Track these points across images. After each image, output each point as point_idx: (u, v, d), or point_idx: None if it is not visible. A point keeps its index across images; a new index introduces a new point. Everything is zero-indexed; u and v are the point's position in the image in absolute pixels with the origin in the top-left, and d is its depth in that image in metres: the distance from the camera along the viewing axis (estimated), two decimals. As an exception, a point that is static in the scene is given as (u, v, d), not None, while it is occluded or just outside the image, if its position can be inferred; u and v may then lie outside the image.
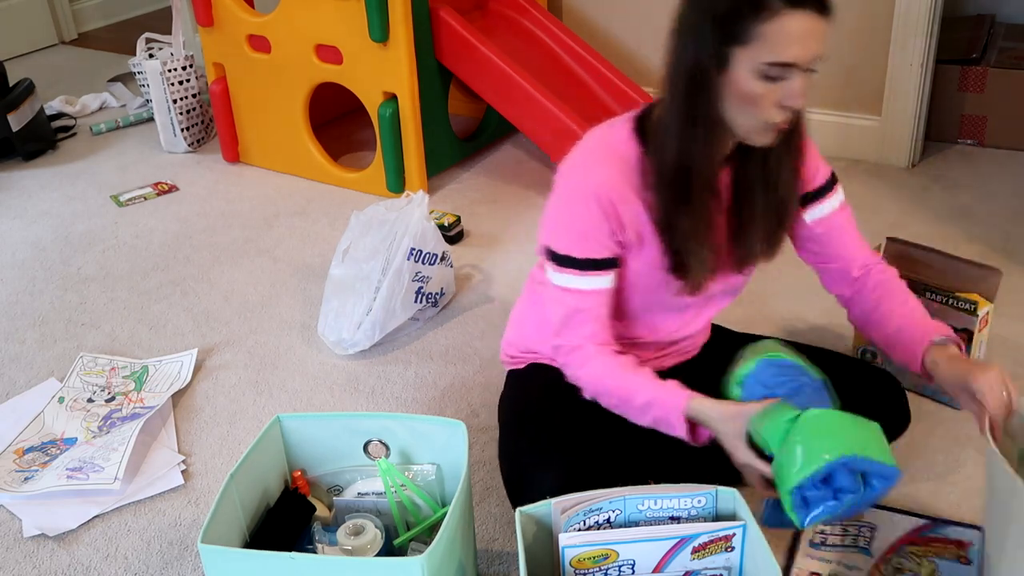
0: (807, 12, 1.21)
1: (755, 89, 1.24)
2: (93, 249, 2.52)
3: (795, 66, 1.23)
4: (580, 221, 1.35)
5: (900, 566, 1.41)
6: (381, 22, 2.42)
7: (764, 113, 1.27)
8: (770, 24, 1.21)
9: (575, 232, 1.36)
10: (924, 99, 2.65)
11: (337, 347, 2.01)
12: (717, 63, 1.25)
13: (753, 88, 1.24)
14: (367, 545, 1.31)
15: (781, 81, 1.24)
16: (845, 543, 1.46)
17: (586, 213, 1.34)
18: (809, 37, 1.22)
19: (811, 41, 1.22)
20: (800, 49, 1.22)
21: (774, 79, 1.23)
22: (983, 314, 1.68)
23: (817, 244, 1.50)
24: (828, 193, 1.48)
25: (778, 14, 1.20)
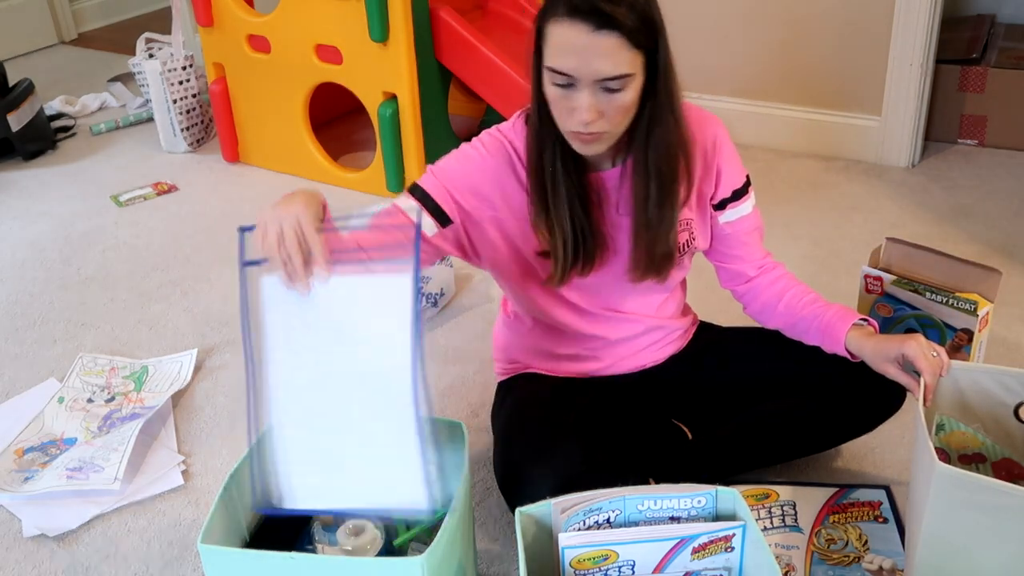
0: (583, 24, 1.18)
1: (549, 92, 1.25)
2: (93, 249, 2.52)
3: (570, 76, 1.21)
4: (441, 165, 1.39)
5: (831, 537, 1.48)
6: (381, 22, 2.42)
7: (562, 119, 1.27)
8: (553, 27, 1.21)
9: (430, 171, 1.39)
10: (924, 99, 2.66)
11: (337, 347, 2.00)
12: (536, 56, 1.27)
13: (548, 91, 1.25)
14: (367, 545, 1.31)
15: (569, 89, 1.23)
16: (775, 525, 1.51)
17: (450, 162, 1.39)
18: (588, 51, 1.19)
19: (589, 56, 1.19)
20: (575, 61, 1.20)
21: (561, 86, 1.23)
22: (983, 314, 1.68)
23: (722, 244, 1.51)
24: (742, 197, 1.47)
25: (558, 19, 1.20)
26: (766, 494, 1.56)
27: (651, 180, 1.34)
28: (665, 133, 1.31)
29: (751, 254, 1.53)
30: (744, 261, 1.53)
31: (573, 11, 1.18)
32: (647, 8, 1.22)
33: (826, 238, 2.36)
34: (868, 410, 1.52)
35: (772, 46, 2.76)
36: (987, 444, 1.35)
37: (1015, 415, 1.36)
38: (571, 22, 1.18)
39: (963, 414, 1.39)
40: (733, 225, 1.48)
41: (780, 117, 2.82)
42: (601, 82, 1.21)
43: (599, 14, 1.17)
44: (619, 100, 1.23)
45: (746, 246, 1.51)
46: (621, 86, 1.22)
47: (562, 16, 1.19)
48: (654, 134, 1.30)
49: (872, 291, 1.80)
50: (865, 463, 1.63)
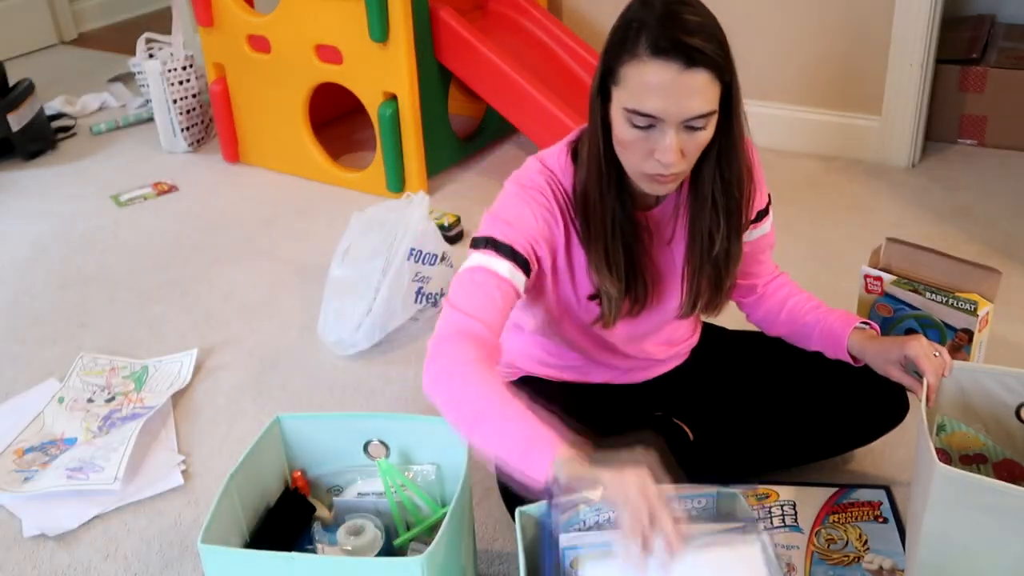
0: (672, 63, 1.12)
1: (625, 135, 1.19)
2: (93, 249, 2.52)
3: (660, 119, 1.15)
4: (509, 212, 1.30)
5: (831, 537, 1.48)
6: (381, 22, 2.42)
7: (636, 161, 1.21)
8: (632, 69, 1.15)
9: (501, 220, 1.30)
10: (924, 99, 2.65)
11: (337, 347, 2.01)
12: (601, 97, 1.21)
13: (623, 133, 1.19)
14: (367, 545, 1.31)
15: (650, 130, 1.17)
16: (775, 525, 1.51)
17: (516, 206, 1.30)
18: (676, 91, 1.13)
19: (680, 96, 1.13)
20: (663, 102, 1.14)
21: (641, 128, 1.17)
22: (983, 314, 1.68)
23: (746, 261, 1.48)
24: (764, 218, 1.45)
25: (640, 60, 1.14)
26: (766, 494, 1.56)
27: (720, 214, 1.29)
28: (737, 166, 1.27)
29: (764, 270, 1.53)
30: (757, 277, 1.53)
31: (660, 50, 1.12)
32: (723, 38, 1.17)
33: (826, 238, 2.36)
34: (871, 420, 1.52)
35: (772, 46, 2.75)
36: (988, 445, 1.35)
37: (1016, 416, 1.36)
38: (658, 62, 1.12)
39: (965, 414, 1.39)
40: (752, 244, 1.45)
41: (780, 117, 2.82)
42: (687, 121, 1.16)
43: (688, 51, 1.12)
44: (700, 138, 1.19)
45: (761, 264, 1.52)
46: (705, 124, 1.17)
47: (645, 56, 1.13)
48: (724, 168, 1.26)
49: (872, 291, 1.80)
50: (865, 463, 1.63)
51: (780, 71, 2.78)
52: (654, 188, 1.25)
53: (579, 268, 1.35)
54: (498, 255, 1.26)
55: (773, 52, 2.76)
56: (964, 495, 1.16)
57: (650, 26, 1.14)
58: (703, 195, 1.29)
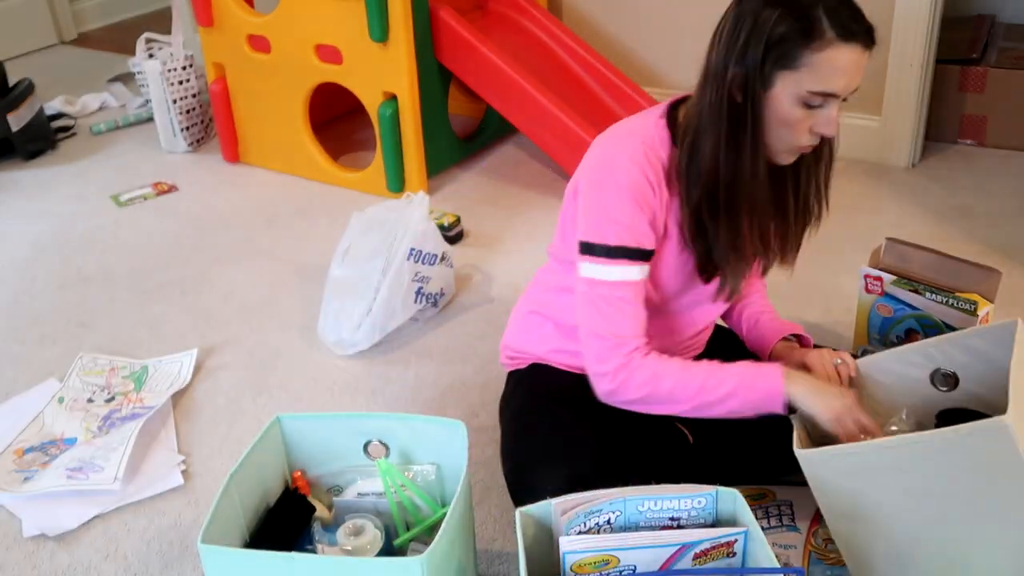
0: (857, 45, 1.23)
1: (793, 114, 1.27)
2: (93, 249, 2.52)
3: (836, 96, 1.26)
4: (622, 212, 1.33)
5: (828, 536, 1.47)
6: (381, 22, 2.42)
7: (797, 137, 1.30)
8: (821, 54, 1.23)
9: (621, 223, 1.33)
10: (924, 99, 2.65)
11: (337, 347, 2.01)
12: (763, 84, 1.26)
13: (791, 113, 1.27)
14: (367, 545, 1.31)
15: (819, 108, 1.27)
16: (772, 525, 1.51)
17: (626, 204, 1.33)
18: (855, 69, 1.24)
19: (856, 73, 1.25)
20: (845, 80, 1.24)
21: (813, 107, 1.26)
22: (983, 314, 1.68)
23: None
24: None
25: (830, 45, 1.22)
26: (763, 494, 1.56)
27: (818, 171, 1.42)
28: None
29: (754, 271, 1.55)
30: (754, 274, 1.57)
31: (849, 34, 1.22)
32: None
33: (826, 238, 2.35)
34: None
35: (772, 46, 2.75)
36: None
37: (932, 383, 1.40)
38: (847, 45, 1.22)
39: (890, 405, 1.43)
40: None
41: (780, 117, 2.82)
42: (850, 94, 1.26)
43: (870, 33, 1.24)
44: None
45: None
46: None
47: (834, 41, 1.21)
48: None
49: (872, 291, 1.80)
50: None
51: (780, 71, 2.77)
52: (791, 159, 1.35)
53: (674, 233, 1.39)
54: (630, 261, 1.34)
55: (773, 52, 2.76)
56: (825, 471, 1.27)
57: (831, 9, 1.22)
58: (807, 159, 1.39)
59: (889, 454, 1.20)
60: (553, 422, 1.42)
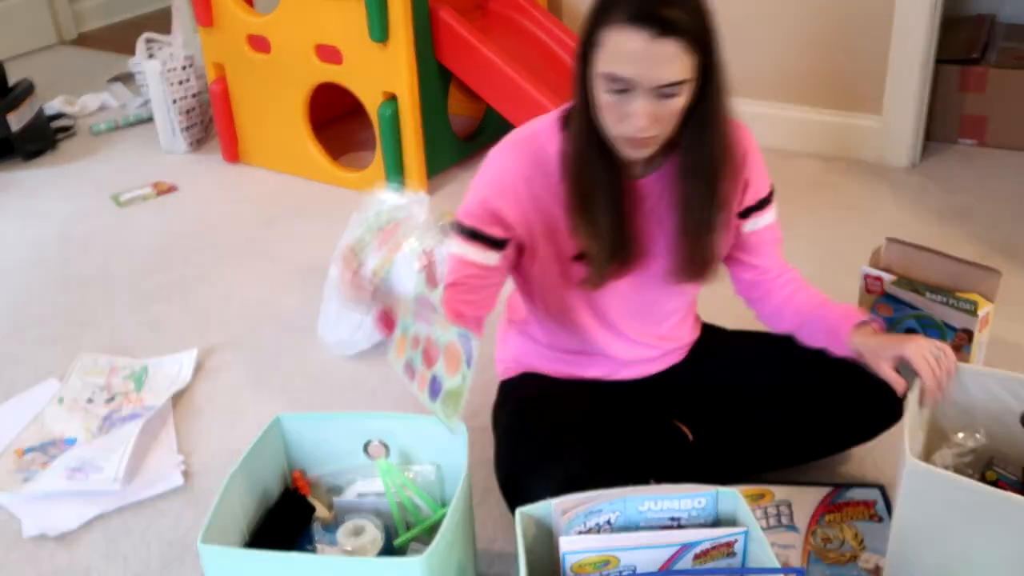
0: (644, 31, 1.16)
1: (602, 98, 1.23)
2: (93, 249, 2.52)
3: (633, 84, 1.20)
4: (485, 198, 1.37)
5: (827, 536, 1.48)
6: (381, 22, 2.42)
7: (613, 125, 1.25)
8: (610, 34, 1.19)
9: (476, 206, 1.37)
10: (924, 99, 2.65)
11: (337, 347, 2.01)
12: (584, 62, 1.25)
13: (600, 96, 1.24)
14: (367, 545, 1.31)
15: (625, 95, 1.21)
16: (771, 525, 1.51)
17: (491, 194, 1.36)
18: (649, 58, 1.17)
19: (652, 63, 1.18)
20: (636, 68, 1.18)
21: (617, 92, 1.21)
22: (983, 314, 1.68)
23: (744, 252, 1.51)
24: (766, 207, 1.48)
25: (618, 25, 1.18)
26: (761, 494, 1.56)
27: (701, 182, 1.33)
28: (716, 135, 1.31)
29: (771, 264, 1.53)
30: (763, 271, 1.53)
31: (634, 18, 1.16)
32: (704, 11, 1.21)
33: (826, 238, 2.36)
34: (867, 419, 1.52)
35: (773, 46, 2.75)
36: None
37: (1021, 422, 1.36)
38: (632, 28, 1.16)
39: (968, 416, 1.39)
40: (757, 235, 1.48)
41: (780, 117, 2.82)
42: (658, 88, 1.20)
43: (660, 20, 1.16)
44: (674, 105, 1.23)
45: (767, 256, 1.52)
46: (677, 92, 1.21)
47: (621, 22, 1.17)
48: (705, 136, 1.30)
49: (872, 291, 1.80)
50: (858, 464, 1.63)
51: (780, 71, 2.78)
52: (631, 152, 1.29)
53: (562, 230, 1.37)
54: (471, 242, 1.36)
55: (774, 52, 2.76)
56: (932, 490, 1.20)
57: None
58: (685, 164, 1.33)
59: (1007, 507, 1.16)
60: (544, 427, 1.42)
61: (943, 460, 1.36)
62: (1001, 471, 1.36)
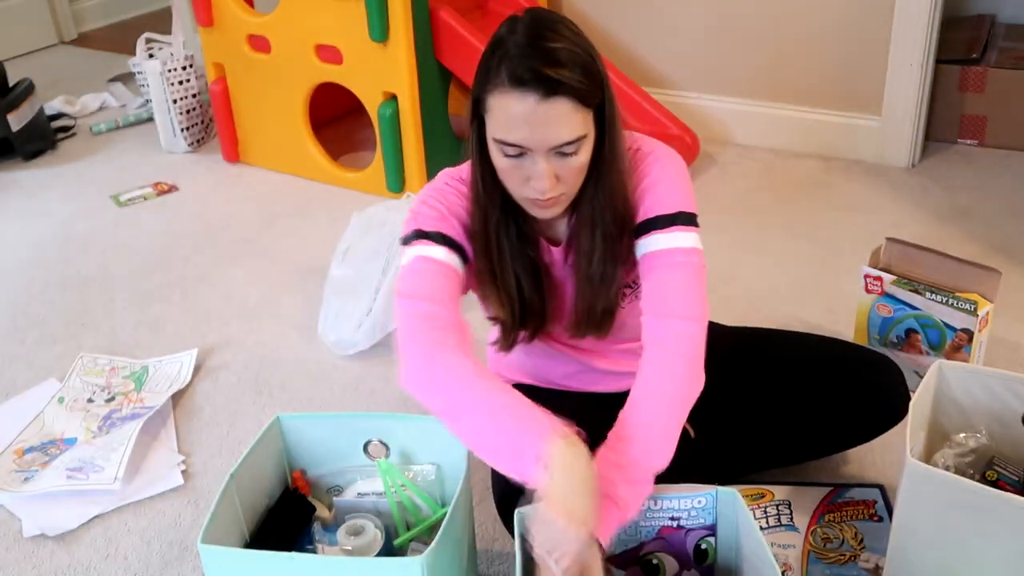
0: (530, 94, 1.11)
1: (500, 162, 1.19)
2: (93, 249, 2.52)
3: (527, 148, 1.15)
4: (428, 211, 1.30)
5: (827, 536, 1.48)
6: (381, 22, 2.42)
7: (516, 187, 1.21)
8: (496, 98, 1.14)
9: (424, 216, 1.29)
10: (924, 99, 2.65)
11: (337, 347, 2.01)
12: (476, 124, 1.21)
13: (498, 160, 1.19)
14: (367, 545, 1.31)
15: (523, 158, 1.17)
16: (771, 524, 1.51)
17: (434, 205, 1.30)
18: (538, 121, 1.12)
19: (542, 125, 1.12)
20: (526, 132, 1.13)
21: (513, 156, 1.17)
22: (983, 314, 1.68)
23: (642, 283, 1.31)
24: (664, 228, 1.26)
25: (501, 90, 1.13)
26: (761, 494, 1.56)
27: (595, 233, 1.26)
28: (611, 184, 1.24)
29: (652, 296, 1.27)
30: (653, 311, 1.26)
31: (517, 81, 1.11)
32: (590, 61, 1.15)
33: (826, 238, 2.36)
34: (870, 419, 1.52)
35: (772, 46, 2.75)
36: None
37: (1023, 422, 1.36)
38: (517, 92, 1.12)
39: (969, 417, 1.40)
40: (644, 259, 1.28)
41: (780, 117, 2.82)
42: (555, 148, 1.15)
43: (546, 81, 1.11)
44: (574, 162, 1.18)
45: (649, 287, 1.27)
46: (575, 149, 1.17)
47: (506, 87, 1.12)
48: (601, 187, 1.24)
49: (872, 291, 1.80)
50: (858, 464, 1.63)
51: (780, 71, 2.78)
52: (539, 212, 1.25)
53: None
54: (430, 242, 1.27)
55: (773, 52, 2.76)
56: (932, 491, 1.20)
57: (511, 55, 1.13)
58: (584, 217, 1.27)
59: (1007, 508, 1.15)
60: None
61: (944, 460, 1.36)
62: (1001, 470, 1.36)
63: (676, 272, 1.25)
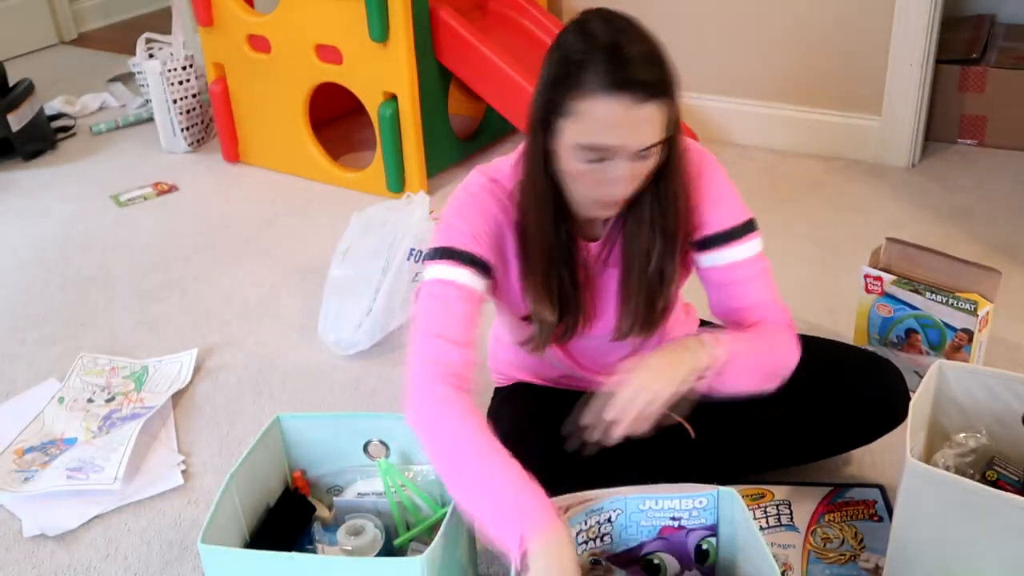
0: (624, 99, 1.11)
1: (575, 167, 1.18)
2: (93, 249, 2.52)
3: (615, 152, 1.15)
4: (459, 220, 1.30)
5: (827, 536, 1.48)
6: (381, 22, 2.42)
7: (587, 191, 1.21)
8: (584, 103, 1.13)
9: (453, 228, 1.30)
10: (924, 99, 2.65)
11: (337, 347, 2.01)
12: (544, 129, 1.20)
13: (573, 165, 1.18)
14: (367, 545, 1.31)
15: (603, 162, 1.17)
16: (771, 524, 1.51)
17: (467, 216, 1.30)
18: (631, 125, 1.13)
19: (634, 129, 1.13)
20: (619, 136, 1.14)
21: (591, 161, 1.16)
22: (983, 314, 1.68)
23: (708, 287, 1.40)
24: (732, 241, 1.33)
25: (591, 96, 1.12)
26: (761, 494, 1.56)
27: (655, 231, 1.27)
28: (676, 185, 1.26)
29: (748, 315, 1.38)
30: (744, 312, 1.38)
31: (614, 86, 1.11)
32: (668, 61, 1.16)
33: (826, 238, 2.36)
34: (871, 421, 1.52)
35: (772, 46, 2.75)
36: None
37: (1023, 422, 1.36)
38: (611, 97, 1.11)
39: (969, 417, 1.40)
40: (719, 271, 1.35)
41: (780, 117, 2.82)
42: (641, 151, 1.16)
43: (642, 85, 1.11)
44: (651, 163, 1.19)
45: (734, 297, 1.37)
46: (655, 152, 1.18)
47: (598, 91, 1.12)
48: (664, 185, 1.25)
49: (872, 291, 1.80)
50: (858, 464, 1.63)
51: (780, 71, 2.78)
52: (601, 212, 1.26)
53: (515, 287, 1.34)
54: (455, 263, 1.27)
55: (773, 52, 2.76)
56: (932, 490, 1.20)
57: (597, 61, 1.12)
58: (640, 216, 1.27)
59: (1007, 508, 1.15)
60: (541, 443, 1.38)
61: (944, 460, 1.36)
62: (1001, 470, 1.36)
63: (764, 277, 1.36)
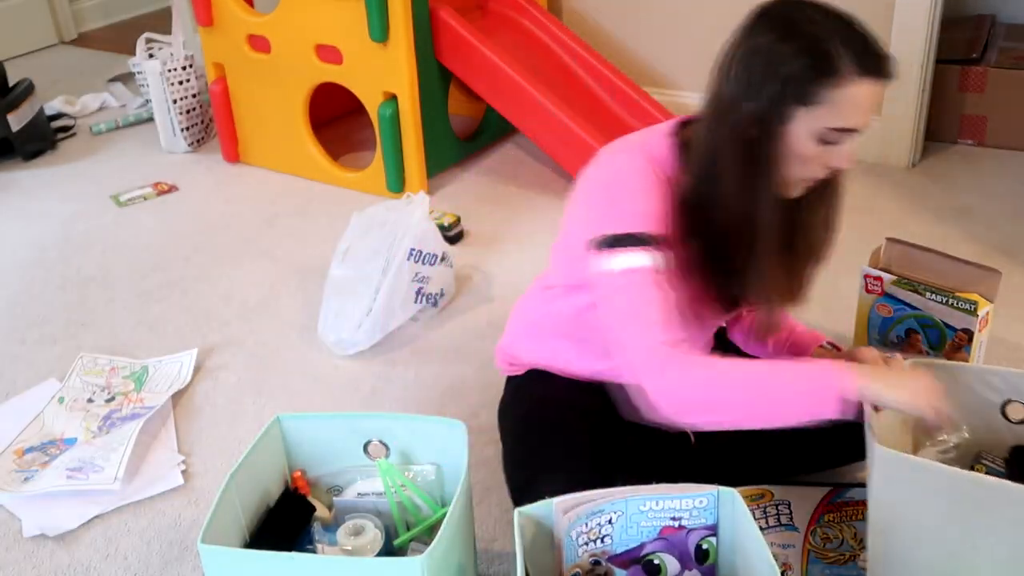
0: (877, 80, 1.21)
1: (808, 150, 1.24)
2: (93, 249, 2.52)
3: (855, 131, 1.24)
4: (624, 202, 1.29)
5: (827, 536, 1.49)
6: (381, 22, 2.42)
7: (811, 171, 1.28)
8: (840, 90, 1.20)
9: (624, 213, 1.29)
10: (924, 99, 2.66)
11: (337, 347, 2.01)
12: (779, 120, 1.23)
13: (807, 149, 1.24)
14: (367, 545, 1.31)
15: (836, 144, 1.25)
16: (771, 524, 1.51)
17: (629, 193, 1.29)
18: (874, 102, 1.22)
19: (874, 106, 1.23)
20: (865, 116, 1.23)
21: (830, 142, 1.24)
22: (983, 314, 1.68)
23: None
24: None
25: (850, 81, 1.19)
26: (761, 494, 1.56)
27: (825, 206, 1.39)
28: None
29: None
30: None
31: (866, 69, 1.19)
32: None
33: (826, 238, 2.35)
34: None
35: (772, 46, 2.75)
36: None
37: (1002, 414, 1.37)
38: (870, 80, 1.20)
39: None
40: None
41: (780, 117, 2.82)
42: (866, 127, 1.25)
43: (888, 64, 1.21)
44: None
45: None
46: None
47: (854, 76, 1.18)
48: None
49: (872, 291, 1.80)
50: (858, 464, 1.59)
51: (780, 71, 2.77)
52: (798, 192, 1.32)
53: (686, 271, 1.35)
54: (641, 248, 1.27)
55: (773, 52, 2.76)
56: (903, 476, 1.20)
57: (847, 46, 1.19)
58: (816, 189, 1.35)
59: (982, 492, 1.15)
60: (554, 430, 1.40)
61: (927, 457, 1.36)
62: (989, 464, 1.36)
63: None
